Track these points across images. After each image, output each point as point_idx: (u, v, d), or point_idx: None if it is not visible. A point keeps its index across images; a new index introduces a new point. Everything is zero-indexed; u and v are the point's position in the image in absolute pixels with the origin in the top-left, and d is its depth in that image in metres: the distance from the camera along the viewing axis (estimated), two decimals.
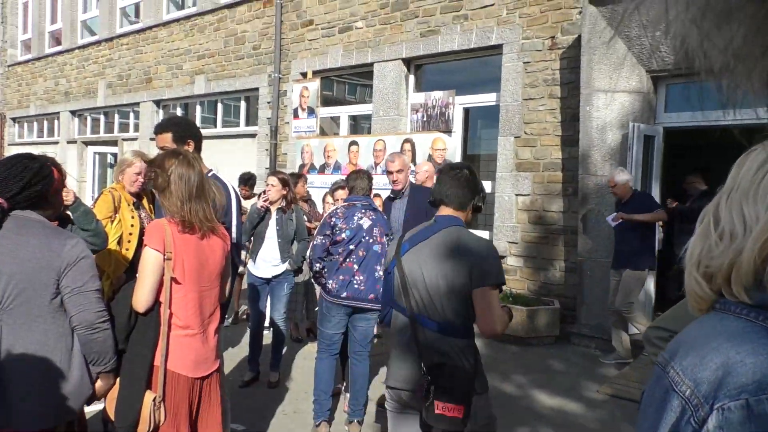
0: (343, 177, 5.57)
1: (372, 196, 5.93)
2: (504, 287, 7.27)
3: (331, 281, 3.91)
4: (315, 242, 3.99)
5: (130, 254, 3.69)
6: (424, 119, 7.41)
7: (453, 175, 2.52)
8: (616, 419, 4.37)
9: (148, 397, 2.28)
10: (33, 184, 2.15)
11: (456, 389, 2.22)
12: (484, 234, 7.89)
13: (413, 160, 7.05)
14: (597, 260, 6.30)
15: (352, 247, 3.89)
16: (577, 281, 6.56)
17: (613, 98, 6.20)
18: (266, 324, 5.29)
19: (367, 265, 3.91)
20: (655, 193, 6.39)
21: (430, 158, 6.84)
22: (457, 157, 7.37)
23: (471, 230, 2.57)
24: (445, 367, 2.26)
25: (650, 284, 6.31)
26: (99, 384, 2.31)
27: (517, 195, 7.23)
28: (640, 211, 5.45)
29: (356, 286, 3.86)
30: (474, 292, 2.28)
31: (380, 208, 6.66)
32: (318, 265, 3.95)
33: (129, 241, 3.72)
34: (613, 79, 6.18)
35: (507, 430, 4.16)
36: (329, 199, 5.97)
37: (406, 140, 7.24)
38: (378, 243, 3.96)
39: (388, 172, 4.42)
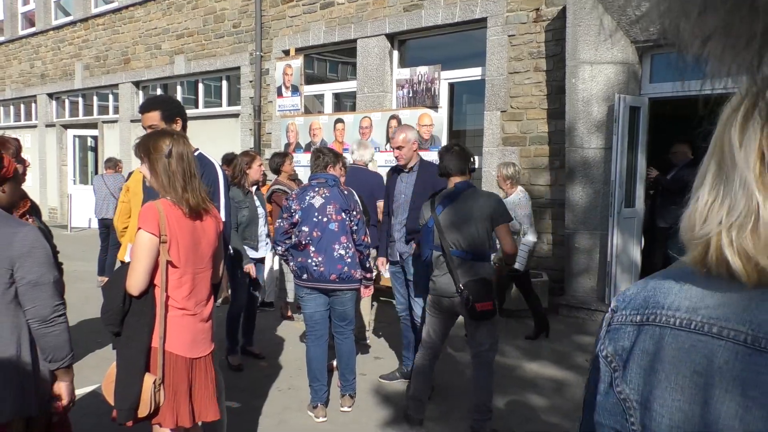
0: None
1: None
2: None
3: (292, 264, 3.90)
4: (276, 225, 3.98)
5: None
6: (410, 95, 7.37)
7: (451, 152, 3.61)
8: None
9: (148, 380, 2.27)
10: None
11: (485, 293, 3.43)
12: None
13: None
14: (584, 232, 6.35)
15: (305, 228, 3.81)
16: (564, 254, 6.62)
17: (598, 70, 6.20)
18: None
19: (325, 245, 3.81)
20: (641, 164, 6.44)
21: (417, 134, 6.82)
22: (443, 133, 7.34)
23: None
24: (478, 281, 3.44)
25: (637, 253, 6.39)
26: (62, 386, 2.21)
27: None
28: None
29: (315, 268, 3.79)
30: (497, 228, 3.50)
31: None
32: (279, 248, 3.92)
33: None
34: (598, 50, 6.17)
35: (498, 398, 4.23)
36: None
37: (393, 117, 7.20)
38: (334, 221, 3.83)
39: (393, 148, 4.39)
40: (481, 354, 3.58)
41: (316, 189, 3.89)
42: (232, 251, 4.19)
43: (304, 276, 3.84)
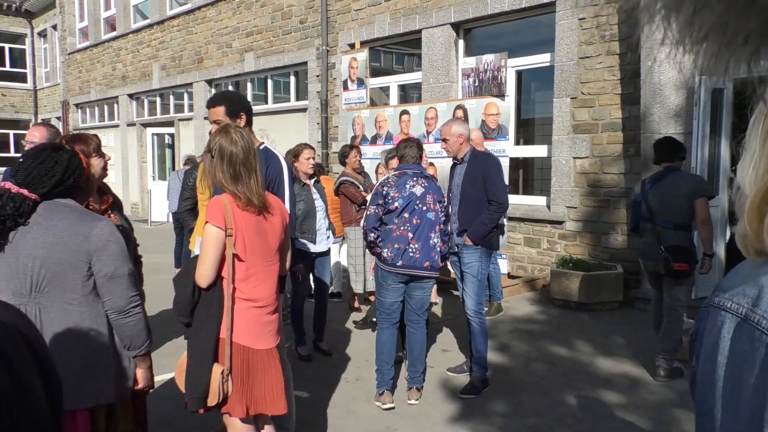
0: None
1: (427, 164, 5.85)
2: (564, 253, 7.13)
3: (386, 250, 3.89)
4: (368, 212, 3.95)
5: None
6: (476, 84, 7.24)
7: (659, 143, 4.51)
8: (684, 386, 4.23)
9: (216, 370, 2.33)
10: (66, 179, 2.13)
11: (683, 256, 4.22)
12: (540, 199, 7.72)
13: None
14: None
15: (406, 215, 3.86)
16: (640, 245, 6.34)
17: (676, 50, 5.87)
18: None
19: (422, 232, 3.88)
20: (724, 152, 6.06)
21: (484, 124, 6.69)
22: (511, 122, 7.18)
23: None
24: (678, 246, 4.24)
25: (720, 245, 6.04)
26: (139, 372, 2.30)
27: (574, 158, 7.01)
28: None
29: (411, 254, 3.85)
30: (695, 202, 4.22)
31: (436, 176, 6.61)
32: (372, 234, 3.92)
33: None
34: None
35: (570, 396, 4.10)
36: (382, 169, 5.95)
37: (458, 107, 7.10)
38: (431, 210, 3.92)
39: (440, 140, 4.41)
40: (675, 308, 4.33)
41: (414, 179, 3.94)
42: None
43: (399, 262, 3.85)
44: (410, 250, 3.85)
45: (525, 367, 4.71)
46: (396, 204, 3.86)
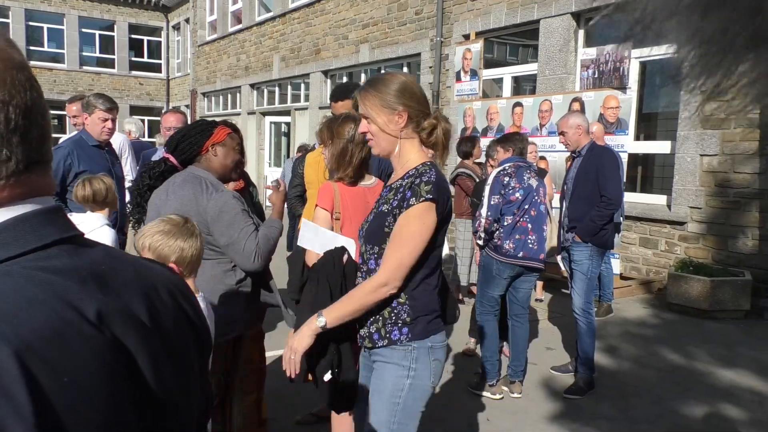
0: None
1: (537, 158, 5.76)
2: (684, 255, 6.70)
3: (507, 242, 3.83)
4: (492, 202, 3.90)
5: None
6: (596, 76, 6.94)
7: None
8: None
9: None
10: (203, 149, 2.46)
11: None
12: (660, 198, 7.28)
13: None
14: None
15: (526, 206, 3.84)
16: None
17: None
18: None
19: (538, 225, 3.86)
20: None
21: (602, 117, 6.41)
22: (631, 116, 6.82)
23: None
24: None
25: None
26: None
27: (701, 155, 6.54)
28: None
29: (530, 246, 3.82)
30: None
31: (548, 170, 6.44)
32: (496, 224, 3.91)
33: None
34: None
35: (686, 407, 3.87)
36: (492, 162, 5.83)
37: (575, 99, 6.84)
38: (542, 204, 3.91)
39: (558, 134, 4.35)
40: None
41: (528, 171, 3.94)
42: None
43: (521, 254, 3.83)
44: (529, 241, 3.83)
45: (635, 372, 4.49)
46: (517, 195, 3.83)
